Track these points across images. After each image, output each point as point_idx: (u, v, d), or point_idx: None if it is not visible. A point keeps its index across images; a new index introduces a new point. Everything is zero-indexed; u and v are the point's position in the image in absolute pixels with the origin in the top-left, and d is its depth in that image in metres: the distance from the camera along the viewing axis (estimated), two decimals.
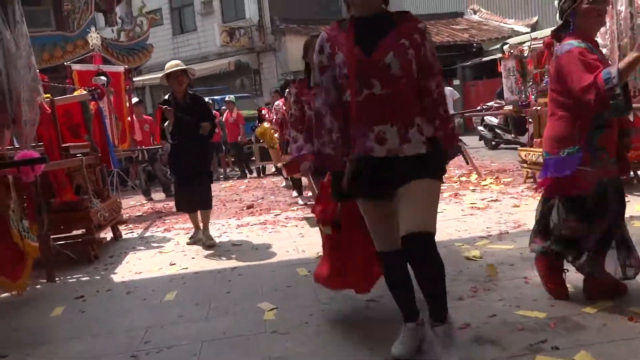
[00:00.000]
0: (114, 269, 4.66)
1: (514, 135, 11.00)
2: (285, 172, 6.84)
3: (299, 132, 3.54)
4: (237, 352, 2.72)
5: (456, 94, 13.40)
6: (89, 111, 5.97)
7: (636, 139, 5.08)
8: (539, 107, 6.62)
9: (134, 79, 13.86)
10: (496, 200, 5.94)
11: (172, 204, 8.35)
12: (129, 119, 8.88)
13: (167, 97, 5.13)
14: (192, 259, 4.76)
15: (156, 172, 9.65)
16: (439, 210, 2.36)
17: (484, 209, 5.56)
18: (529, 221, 4.79)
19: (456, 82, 17.74)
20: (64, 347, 3.01)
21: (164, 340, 2.95)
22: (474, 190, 6.70)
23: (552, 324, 2.64)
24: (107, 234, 5.89)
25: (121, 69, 8.79)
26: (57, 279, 4.36)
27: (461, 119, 14.48)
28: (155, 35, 16.50)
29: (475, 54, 18.60)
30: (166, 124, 5.00)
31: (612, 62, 4.40)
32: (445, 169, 2.34)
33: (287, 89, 4.40)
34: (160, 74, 5.31)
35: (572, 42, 2.65)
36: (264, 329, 2.97)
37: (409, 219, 2.15)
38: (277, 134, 7.16)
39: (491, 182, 7.13)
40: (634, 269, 2.77)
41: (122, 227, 6.23)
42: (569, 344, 2.41)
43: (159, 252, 5.12)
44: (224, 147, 12.05)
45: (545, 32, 11.34)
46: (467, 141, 2.24)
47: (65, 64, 8.16)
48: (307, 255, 4.43)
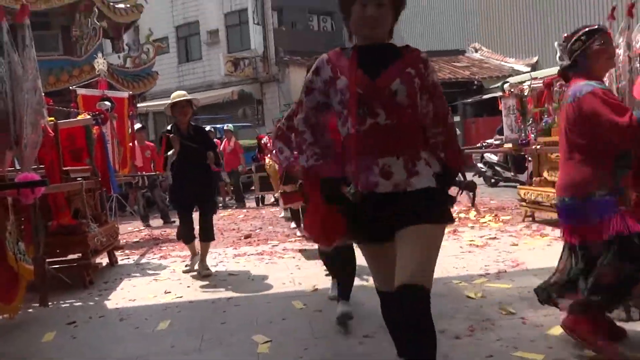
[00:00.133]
0: (108, 295, 4.61)
1: (513, 173, 11.04)
2: (282, 202, 6.74)
3: (285, 144, 3.43)
4: None
5: (457, 131, 13.51)
6: (92, 135, 6.01)
7: None
8: (539, 146, 6.67)
9: (138, 105, 14.02)
10: (495, 238, 5.92)
11: (169, 230, 8.35)
12: (131, 144, 8.93)
13: (170, 127, 5.17)
14: (188, 287, 4.72)
15: (155, 198, 9.65)
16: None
17: (482, 246, 5.53)
18: (527, 260, 4.78)
19: (456, 118, 17.90)
20: None
21: None
22: (472, 227, 6.68)
23: None
24: (103, 259, 5.85)
25: (125, 94, 8.88)
26: (50, 304, 4.31)
27: None
28: (160, 62, 16.75)
29: (475, 91, 18.82)
30: (170, 153, 5.01)
31: None
32: (451, 215, 2.14)
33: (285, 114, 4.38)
34: (164, 101, 5.38)
35: (592, 83, 2.62)
36: None
37: (405, 268, 1.96)
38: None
39: (490, 220, 7.11)
40: (639, 311, 2.71)
41: (118, 253, 6.18)
42: None
43: (154, 280, 5.08)
44: (222, 176, 12.05)
45: (545, 72, 11.50)
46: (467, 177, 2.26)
47: (70, 88, 8.25)
48: (303, 287, 4.39)
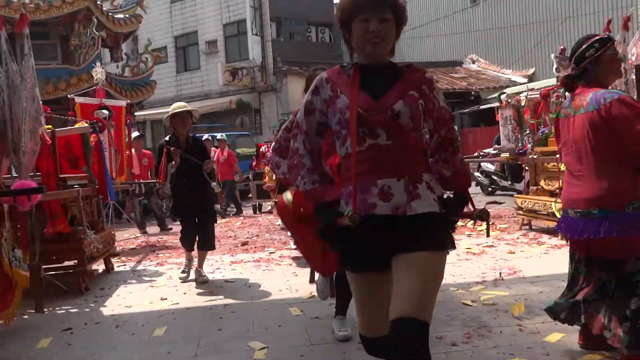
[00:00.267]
0: (104, 301, 4.59)
1: (510, 182, 11.08)
2: (275, 212, 6.71)
3: (283, 158, 3.15)
4: None
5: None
6: (89, 143, 6.02)
7: None
8: (535, 156, 6.70)
9: (136, 114, 14.03)
10: (492, 246, 5.93)
11: (166, 237, 8.34)
12: (128, 152, 8.94)
13: (168, 138, 5.16)
14: (184, 294, 4.71)
15: (152, 205, 9.64)
16: None
17: (479, 254, 5.54)
18: (524, 268, 4.78)
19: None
20: None
21: None
22: (469, 235, 6.69)
23: None
24: (99, 266, 5.84)
25: (123, 103, 8.89)
26: (45, 310, 4.29)
27: None
28: (159, 72, 16.80)
29: (473, 101, 18.92)
30: (170, 164, 5.01)
31: None
32: (453, 241, 2.05)
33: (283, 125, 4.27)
34: (162, 110, 5.40)
35: (615, 90, 2.60)
36: None
37: (402, 300, 1.80)
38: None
39: (489, 232, 7.12)
40: None
41: (114, 260, 6.17)
42: None
43: (151, 286, 5.06)
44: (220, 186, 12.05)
45: (541, 83, 11.58)
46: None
47: (68, 96, 8.26)
48: (299, 294, 4.38)
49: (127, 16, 13.06)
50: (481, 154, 11.26)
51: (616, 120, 2.48)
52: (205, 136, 11.45)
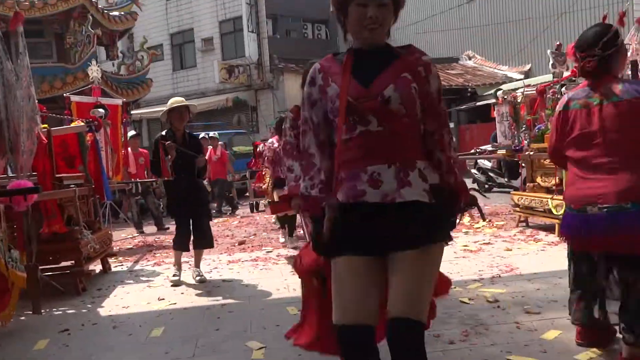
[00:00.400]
0: (101, 302, 4.58)
1: (506, 179, 11.10)
2: (269, 211, 6.59)
3: (295, 160, 3.17)
4: None
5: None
6: (85, 142, 6.00)
7: None
8: (532, 152, 6.71)
9: (132, 112, 13.99)
10: (489, 243, 5.94)
11: (163, 237, 8.32)
12: (124, 151, 8.92)
13: (164, 133, 5.11)
14: (182, 294, 4.70)
15: (149, 205, 9.62)
16: None
17: (476, 251, 5.55)
18: (521, 265, 4.79)
19: (451, 125, 17.95)
20: None
21: None
22: (466, 232, 6.70)
23: None
24: (96, 267, 5.82)
25: (119, 101, 8.88)
26: (42, 311, 4.27)
27: None
28: (155, 70, 16.76)
29: (469, 98, 18.92)
30: (166, 159, 4.98)
31: None
32: (453, 225, 1.97)
33: (283, 125, 4.25)
34: (159, 108, 5.36)
35: None
36: None
37: (397, 300, 1.78)
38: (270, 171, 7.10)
39: (484, 225, 7.14)
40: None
41: (111, 260, 6.16)
42: None
43: (148, 287, 5.05)
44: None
45: (538, 80, 11.59)
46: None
47: (64, 95, 8.24)
48: (297, 293, 4.37)
49: (122, 14, 13.02)
50: (478, 150, 11.27)
51: None
52: (202, 134, 11.44)
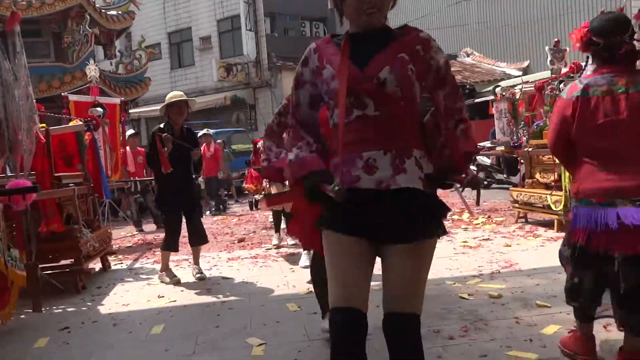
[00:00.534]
0: (101, 300, 4.59)
1: (505, 175, 11.11)
2: (264, 205, 6.53)
3: (272, 140, 3.11)
4: None
5: None
6: (84, 141, 6.00)
7: None
8: (530, 149, 6.71)
9: (131, 111, 13.98)
10: (488, 239, 5.95)
11: (162, 235, 8.29)
12: (123, 150, 8.92)
13: (162, 125, 5.02)
14: (181, 291, 4.70)
15: (148, 203, 9.61)
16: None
17: (475, 247, 5.56)
18: (520, 261, 4.80)
19: None
20: None
21: None
22: (466, 229, 6.71)
23: None
24: (96, 265, 5.83)
25: (117, 100, 8.88)
26: (43, 309, 4.28)
27: None
28: (153, 68, 16.74)
29: (468, 95, 18.90)
30: (163, 151, 4.95)
31: None
32: (444, 225, 1.95)
33: None
34: (157, 107, 5.32)
35: None
36: None
37: (393, 294, 1.80)
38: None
39: (483, 221, 7.15)
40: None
41: (111, 258, 6.16)
42: None
43: (148, 284, 5.05)
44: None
45: (536, 76, 11.58)
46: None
47: (62, 94, 8.23)
48: (297, 290, 4.39)
49: (120, 13, 13.00)
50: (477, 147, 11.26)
51: None
52: (199, 133, 11.40)
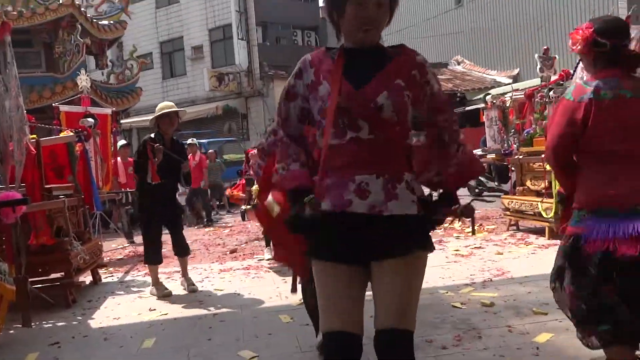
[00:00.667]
0: (92, 314, 4.54)
1: (497, 183, 11.16)
2: (251, 216, 6.50)
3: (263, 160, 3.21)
4: None
5: None
6: (75, 152, 5.96)
7: None
8: (521, 156, 6.75)
9: (122, 121, 13.93)
10: (480, 247, 5.96)
11: None
12: (114, 161, 8.88)
13: (153, 135, 4.96)
14: (173, 304, 4.67)
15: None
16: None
17: (467, 256, 5.57)
18: (512, 269, 4.81)
19: None
20: None
21: None
22: (457, 237, 6.72)
23: None
24: (87, 278, 5.78)
25: (108, 111, 8.85)
26: (32, 324, 4.23)
27: None
28: (144, 78, 16.72)
29: (458, 103, 19.01)
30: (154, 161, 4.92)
31: None
32: (432, 242, 1.88)
33: None
34: (149, 117, 5.30)
35: None
36: None
37: (383, 312, 1.77)
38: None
39: (475, 229, 7.16)
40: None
41: (102, 271, 6.10)
42: None
43: (139, 297, 5.01)
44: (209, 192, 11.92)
45: (526, 84, 11.67)
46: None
47: (53, 104, 8.19)
48: (289, 301, 4.37)
49: (111, 22, 12.97)
50: None
51: None
52: (188, 141, 11.37)
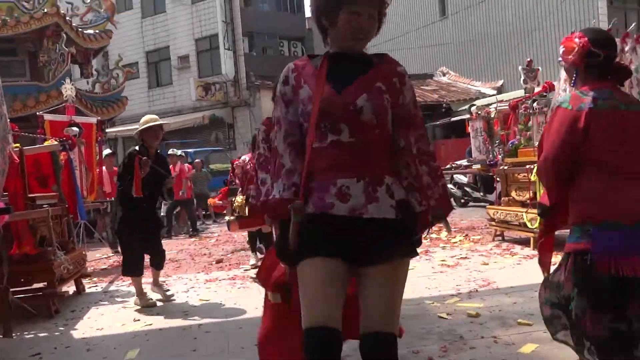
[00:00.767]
0: (75, 324, 4.47)
1: (482, 193, 11.25)
2: (236, 226, 6.47)
3: (268, 173, 3.28)
4: None
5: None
6: (59, 162, 5.91)
7: None
8: (506, 167, 6.81)
9: (108, 130, 13.83)
10: (466, 257, 5.99)
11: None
12: (99, 170, 8.81)
13: (138, 148, 4.92)
14: (157, 314, 4.62)
15: None
16: (409, 267, 1.98)
17: (453, 266, 5.59)
18: (497, 279, 4.84)
19: None
20: None
21: None
22: (444, 247, 6.75)
23: None
24: (70, 288, 5.70)
25: (93, 120, 8.80)
26: (14, 335, 4.16)
27: None
28: (130, 87, 16.64)
29: (444, 114, 19.19)
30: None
31: None
32: (419, 242, 1.98)
33: (256, 139, 4.07)
34: (134, 126, 5.27)
35: None
36: None
37: (375, 315, 1.80)
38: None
39: (461, 240, 7.20)
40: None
41: (85, 281, 6.03)
42: None
43: (123, 307, 4.95)
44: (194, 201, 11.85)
45: (510, 95, 11.84)
46: None
47: (37, 113, 8.12)
48: None
49: (97, 32, 12.91)
50: (453, 165, 11.42)
51: None
52: (178, 152, 11.33)
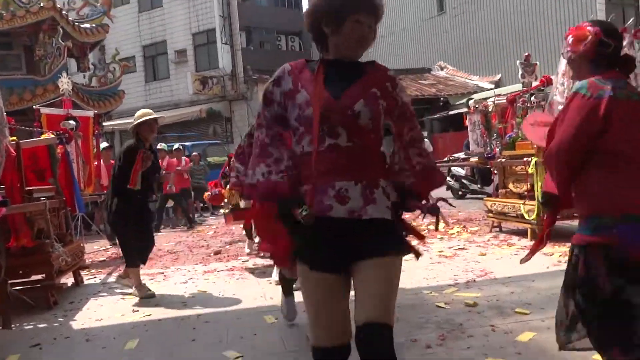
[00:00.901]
0: (74, 315, 4.48)
1: (480, 185, 11.28)
2: (230, 219, 6.56)
3: (242, 164, 3.30)
4: None
5: (430, 147, 13.75)
6: (56, 155, 5.90)
7: None
8: (504, 159, 6.83)
9: (104, 124, 13.81)
10: (463, 248, 6.01)
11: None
12: (96, 163, 8.80)
13: (136, 142, 4.88)
14: (156, 305, 4.62)
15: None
16: (408, 258, 2.00)
17: (451, 257, 5.61)
18: (495, 269, 4.86)
19: (424, 133, 18.23)
20: None
21: None
22: (441, 238, 6.77)
23: None
24: (68, 280, 5.70)
25: (90, 113, 8.78)
26: (13, 326, 4.17)
27: None
28: (127, 81, 16.59)
29: (442, 107, 19.22)
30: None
31: None
32: (409, 245, 1.97)
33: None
34: (131, 120, 5.22)
35: None
36: None
37: (364, 307, 1.81)
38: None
39: (458, 231, 7.23)
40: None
41: (84, 273, 6.03)
42: None
43: (122, 298, 4.96)
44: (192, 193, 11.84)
45: (508, 89, 11.85)
46: (435, 191, 2.19)
47: (34, 107, 8.10)
48: (274, 302, 4.36)
49: (93, 26, 12.85)
50: (451, 158, 11.44)
51: None
52: (175, 145, 11.33)
